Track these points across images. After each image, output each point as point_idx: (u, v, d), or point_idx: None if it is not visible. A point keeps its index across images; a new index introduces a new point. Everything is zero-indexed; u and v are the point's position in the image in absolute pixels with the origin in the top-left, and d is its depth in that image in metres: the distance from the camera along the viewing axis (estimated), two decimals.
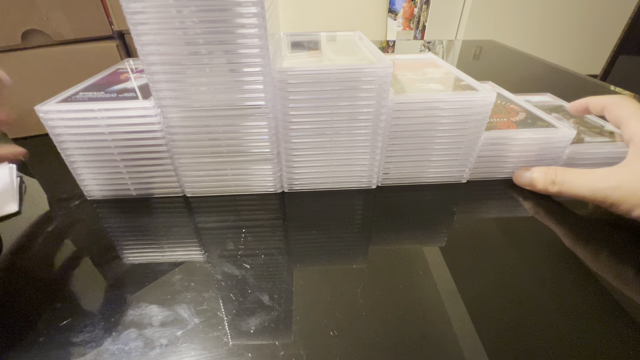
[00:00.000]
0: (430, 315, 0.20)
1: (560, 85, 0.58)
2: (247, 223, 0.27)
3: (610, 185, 0.24)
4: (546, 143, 0.30)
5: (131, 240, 0.26)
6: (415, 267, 0.23)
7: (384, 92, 0.26)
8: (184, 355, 0.17)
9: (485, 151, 0.30)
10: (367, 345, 0.18)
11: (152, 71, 0.24)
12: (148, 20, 0.22)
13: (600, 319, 0.20)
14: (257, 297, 0.21)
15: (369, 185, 0.31)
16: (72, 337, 0.18)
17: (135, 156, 0.28)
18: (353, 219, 0.28)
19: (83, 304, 0.20)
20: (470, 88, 0.29)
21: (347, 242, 0.26)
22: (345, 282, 0.22)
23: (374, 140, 0.28)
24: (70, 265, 0.24)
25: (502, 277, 0.22)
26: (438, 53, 0.75)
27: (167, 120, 0.26)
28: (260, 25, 0.22)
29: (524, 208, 0.29)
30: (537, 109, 0.34)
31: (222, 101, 0.25)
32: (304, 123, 0.27)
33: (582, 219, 0.28)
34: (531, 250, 0.25)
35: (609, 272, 0.23)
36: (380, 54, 0.28)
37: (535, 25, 1.71)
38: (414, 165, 0.30)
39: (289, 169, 0.29)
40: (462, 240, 0.26)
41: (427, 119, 0.28)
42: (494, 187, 0.31)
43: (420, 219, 0.28)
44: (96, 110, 0.25)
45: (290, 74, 0.25)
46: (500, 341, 0.18)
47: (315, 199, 0.30)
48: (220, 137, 0.27)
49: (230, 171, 0.29)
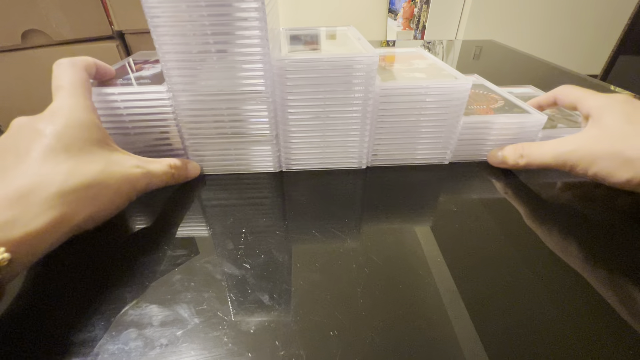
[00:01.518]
0: (430, 315, 0.20)
1: (560, 85, 0.59)
2: (248, 201, 0.30)
3: (568, 149, 0.27)
4: (520, 127, 0.33)
5: (141, 212, 0.29)
6: (404, 246, 0.25)
7: (371, 79, 0.29)
8: (184, 355, 0.18)
9: (465, 135, 0.33)
10: (367, 345, 0.18)
11: (165, 59, 0.27)
12: (163, 13, 0.25)
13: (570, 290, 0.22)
14: (258, 263, 0.24)
15: (359, 165, 0.34)
16: (71, 336, 0.18)
17: (149, 137, 0.31)
18: (345, 197, 0.31)
19: (83, 303, 0.20)
20: (451, 77, 0.32)
21: (340, 218, 0.28)
22: (345, 281, 0.22)
23: (363, 123, 0.31)
24: (69, 263, 0.24)
25: (490, 255, 0.24)
26: (438, 53, 0.77)
27: (178, 103, 0.29)
28: (261, 18, 0.26)
29: (498, 187, 0.32)
30: (516, 98, 0.37)
31: (226, 87, 0.29)
32: (300, 107, 0.30)
33: (546, 194, 0.31)
34: (508, 224, 0.28)
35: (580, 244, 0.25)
36: (369, 46, 0.31)
37: (535, 25, 1.72)
38: (400, 148, 0.33)
39: (287, 149, 0.33)
40: (444, 217, 0.28)
41: (411, 104, 0.31)
42: (474, 168, 0.34)
43: (406, 196, 0.31)
44: (117, 93, 0.28)
45: (287, 62, 0.28)
46: (500, 340, 0.19)
47: (310, 178, 0.33)
48: (224, 119, 0.30)
49: (234, 151, 0.32)
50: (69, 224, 0.20)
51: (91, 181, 0.21)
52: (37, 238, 0.18)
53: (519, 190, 0.31)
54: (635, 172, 0.25)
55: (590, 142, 0.27)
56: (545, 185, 0.32)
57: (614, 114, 0.27)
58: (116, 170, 0.23)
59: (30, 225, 0.18)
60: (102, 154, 0.23)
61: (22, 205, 0.18)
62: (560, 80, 0.59)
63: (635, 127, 0.26)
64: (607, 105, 0.28)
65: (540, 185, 0.32)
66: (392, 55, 0.40)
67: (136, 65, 0.35)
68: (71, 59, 0.26)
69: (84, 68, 0.26)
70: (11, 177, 0.19)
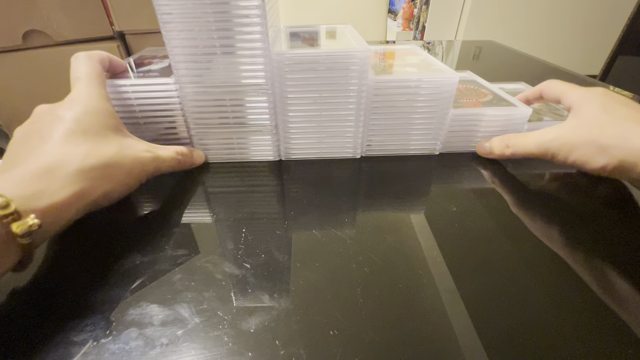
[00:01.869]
0: (430, 314, 0.20)
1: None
2: (249, 189, 0.32)
3: (549, 138, 0.29)
4: (506, 119, 0.35)
5: (149, 198, 0.31)
6: (398, 232, 0.26)
7: (364, 72, 0.31)
8: (184, 355, 0.18)
9: (454, 126, 0.35)
10: (367, 344, 0.18)
11: (174, 53, 0.29)
12: (172, 11, 0.27)
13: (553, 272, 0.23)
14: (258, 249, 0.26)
15: (354, 154, 0.36)
16: (72, 336, 0.18)
17: (157, 126, 0.33)
18: (341, 184, 0.33)
19: (83, 302, 0.21)
20: (440, 71, 0.34)
21: (337, 205, 0.30)
22: (345, 281, 0.22)
23: (357, 114, 0.33)
24: (70, 263, 0.24)
25: (480, 242, 0.26)
26: (437, 54, 0.78)
27: (184, 94, 0.31)
28: (261, 15, 0.28)
29: (486, 176, 0.34)
30: (505, 92, 0.39)
31: (230, 79, 0.31)
32: (298, 98, 0.32)
33: (530, 184, 0.33)
34: (496, 213, 0.29)
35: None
36: (363, 42, 0.33)
37: (534, 25, 1.74)
38: (392, 138, 0.35)
39: (286, 139, 0.35)
40: (435, 204, 0.30)
41: (402, 96, 0.33)
42: (462, 158, 0.36)
43: (398, 184, 0.33)
44: (128, 85, 0.30)
45: (286, 56, 0.30)
46: (500, 338, 0.19)
47: (308, 166, 0.35)
48: (227, 110, 0.32)
49: (236, 140, 0.34)
50: (88, 199, 0.22)
51: (107, 161, 0.23)
52: (60, 209, 0.20)
53: (506, 180, 0.33)
54: (609, 158, 0.26)
55: (570, 131, 0.29)
56: (530, 175, 0.34)
57: (592, 105, 0.29)
58: (129, 153, 0.25)
59: (54, 196, 0.20)
60: (117, 139, 0.25)
61: (47, 179, 0.20)
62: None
63: (610, 116, 0.28)
64: (586, 98, 0.30)
65: (525, 175, 0.34)
66: (387, 52, 0.42)
67: (145, 60, 0.37)
68: (87, 53, 0.28)
69: (99, 61, 0.28)
70: (36, 155, 0.21)
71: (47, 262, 0.24)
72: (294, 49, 0.32)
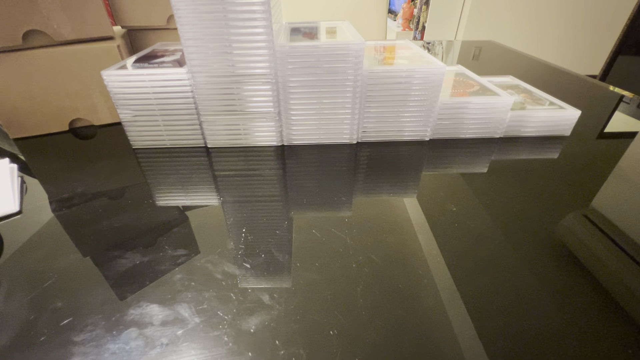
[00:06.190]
0: (429, 314, 0.20)
1: (559, 86, 0.57)
2: (254, 172, 0.35)
3: None
4: (490, 107, 0.38)
5: (162, 179, 0.34)
6: (391, 212, 0.29)
7: (359, 63, 0.34)
8: (184, 354, 0.18)
9: (443, 114, 0.38)
10: (367, 344, 0.18)
11: (187, 45, 0.32)
12: (186, 7, 0.31)
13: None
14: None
15: (350, 140, 0.39)
16: (73, 336, 0.18)
17: (170, 112, 0.36)
18: (339, 167, 0.36)
19: (84, 303, 0.21)
20: (429, 63, 0.37)
21: (334, 187, 0.33)
22: (345, 280, 0.22)
23: (353, 102, 0.36)
24: (71, 265, 0.24)
25: (474, 228, 0.27)
26: (437, 54, 0.80)
27: (196, 83, 0.34)
28: (266, 11, 0.31)
29: (474, 161, 0.37)
30: (492, 84, 0.42)
31: (237, 69, 0.34)
32: (299, 87, 0.35)
33: (517, 168, 0.35)
34: (486, 197, 0.32)
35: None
36: (358, 36, 0.36)
37: (534, 25, 1.75)
38: (385, 125, 0.38)
39: (288, 125, 0.38)
40: (427, 186, 0.33)
41: (394, 85, 0.36)
42: (451, 143, 0.39)
43: (391, 167, 0.36)
44: (145, 74, 0.34)
45: (288, 48, 0.33)
46: (499, 337, 0.19)
47: (308, 150, 0.38)
48: (234, 98, 0.36)
49: (242, 126, 0.38)
50: None
51: None
52: None
53: (495, 165, 0.36)
54: None
55: None
56: (516, 161, 0.36)
57: None
58: None
59: None
60: None
61: None
62: (559, 81, 0.61)
63: None
64: None
65: (513, 161, 0.36)
66: (382, 46, 0.45)
67: (158, 53, 0.41)
68: None
69: None
70: None
71: (47, 261, 0.24)
72: (295, 42, 0.35)
